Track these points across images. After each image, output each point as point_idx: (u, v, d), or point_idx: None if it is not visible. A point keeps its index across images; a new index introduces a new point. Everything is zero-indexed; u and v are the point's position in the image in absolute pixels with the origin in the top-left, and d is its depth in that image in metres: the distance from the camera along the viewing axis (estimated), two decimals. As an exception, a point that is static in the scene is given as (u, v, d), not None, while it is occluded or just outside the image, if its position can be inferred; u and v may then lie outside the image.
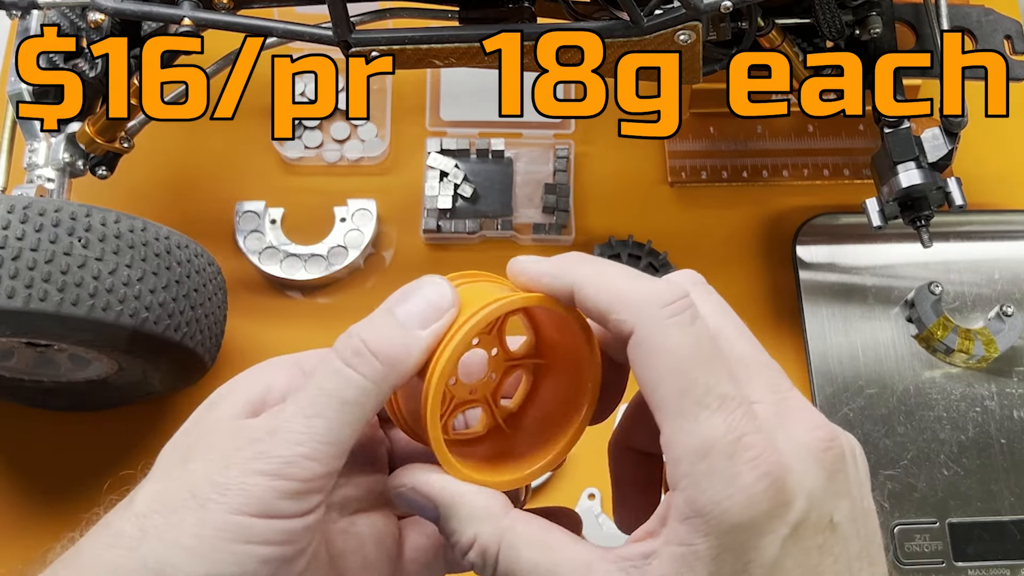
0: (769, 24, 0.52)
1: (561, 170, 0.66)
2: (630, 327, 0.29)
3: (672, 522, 0.29)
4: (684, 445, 0.28)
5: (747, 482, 0.28)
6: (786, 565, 0.28)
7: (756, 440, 0.28)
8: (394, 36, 0.49)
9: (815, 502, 0.29)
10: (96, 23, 0.53)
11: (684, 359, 0.29)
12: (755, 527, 0.28)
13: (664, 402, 0.29)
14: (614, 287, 0.30)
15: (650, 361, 0.29)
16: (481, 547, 0.30)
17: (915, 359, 0.60)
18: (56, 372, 0.55)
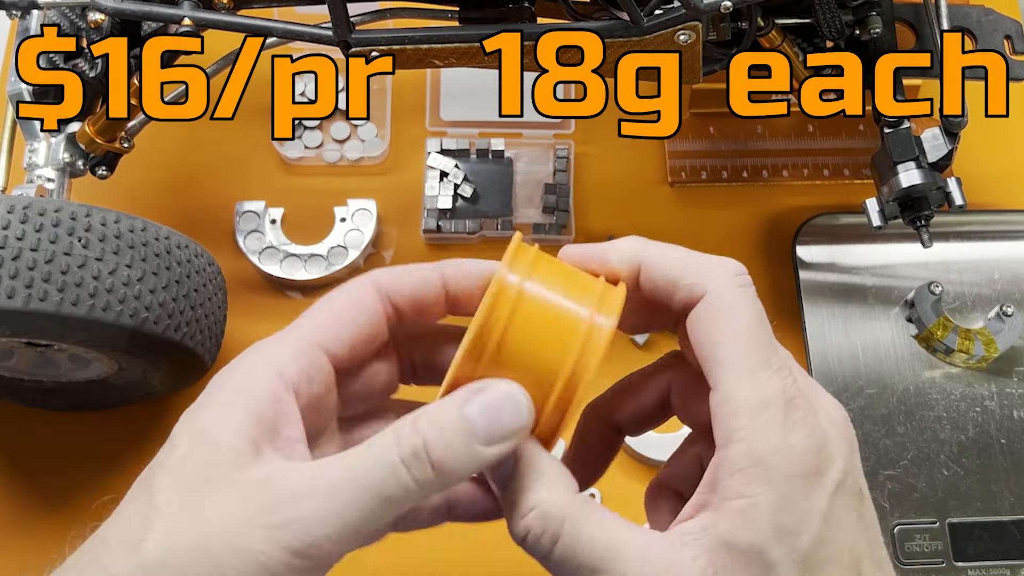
0: (769, 24, 0.53)
1: (561, 170, 0.66)
2: (703, 289, 0.32)
3: (725, 479, 0.30)
4: (744, 398, 0.30)
5: (800, 436, 0.30)
6: (834, 521, 0.30)
7: (804, 403, 0.30)
8: (394, 36, 0.49)
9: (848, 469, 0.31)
10: (96, 23, 0.53)
11: (754, 323, 0.31)
12: (808, 479, 0.29)
13: (729, 359, 0.31)
14: (683, 258, 0.33)
15: (721, 320, 0.31)
16: (543, 512, 0.31)
17: (915, 359, 0.60)
18: (56, 372, 0.55)
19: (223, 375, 0.32)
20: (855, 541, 0.31)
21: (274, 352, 0.32)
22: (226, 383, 0.31)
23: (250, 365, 0.31)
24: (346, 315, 0.32)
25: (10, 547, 0.58)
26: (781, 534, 0.29)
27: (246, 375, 0.31)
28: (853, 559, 0.30)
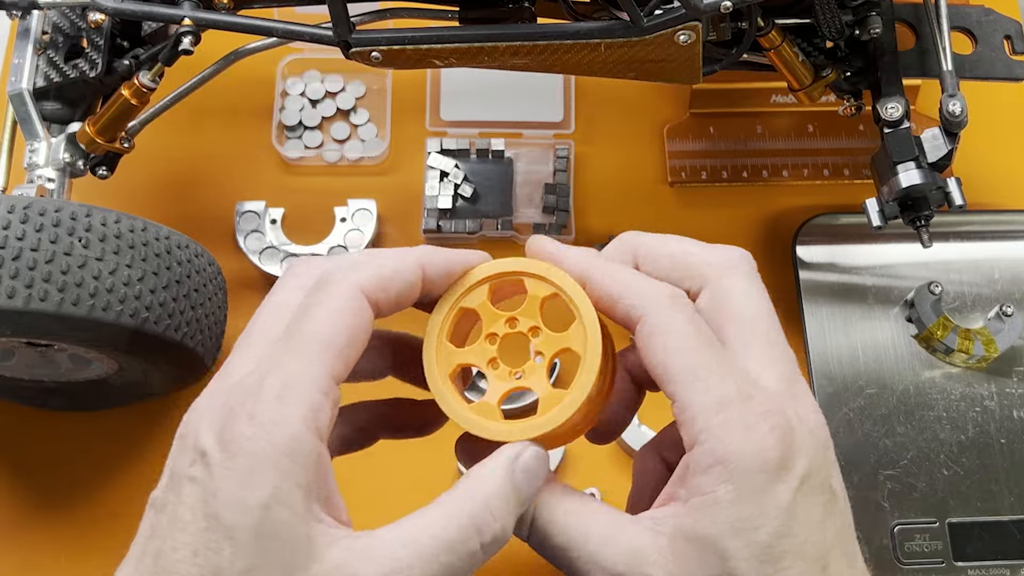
0: (769, 24, 0.52)
1: (561, 170, 0.66)
2: (639, 312, 0.33)
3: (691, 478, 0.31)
4: (700, 403, 0.31)
5: (761, 431, 0.31)
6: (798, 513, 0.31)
7: (764, 399, 0.32)
8: (394, 36, 0.49)
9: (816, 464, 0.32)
10: (96, 23, 0.53)
11: (691, 337, 0.32)
12: (769, 473, 0.30)
13: (678, 373, 0.32)
14: (623, 278, 0.34)
15: (662, 339, 0.32)
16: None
17: (915, 359, 0.60)
18: (56, 372, 0.55)
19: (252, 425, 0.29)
20: (821, 535, 0.31)
21: (306, 405, 0.30)
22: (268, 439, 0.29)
23: (291, 425, 0.29)
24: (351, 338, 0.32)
25: (10, 547, 0.58)
26: (738, 528, 0.30)
27: (292, 442, 0.29)
28: (818, 552, 0.31)
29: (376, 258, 0.33)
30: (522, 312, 0.35)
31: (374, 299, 0.33)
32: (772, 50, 0.54)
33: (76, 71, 0.54)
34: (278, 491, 0.28)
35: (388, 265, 0.33)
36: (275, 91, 0.69)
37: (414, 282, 0.34)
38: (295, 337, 0.31)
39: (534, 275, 0.35)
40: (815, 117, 0.69)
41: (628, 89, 0.69)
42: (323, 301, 0.32)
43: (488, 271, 0.35)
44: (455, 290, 0.35)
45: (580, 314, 0.34)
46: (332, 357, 0.31)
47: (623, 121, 0.70)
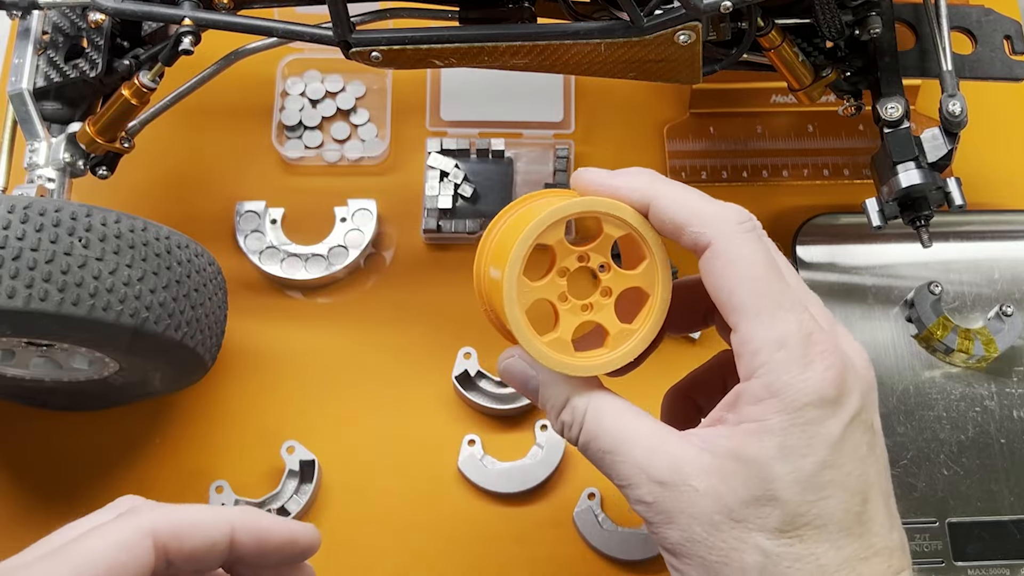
0: (769, 24, 0.53)
1: (561, 170, 0.66)
2: (708, 239, 0.34)
3: (743, 406, 0.32)
4: (763, 338, 0.32)
5: (818, 369, 0.32)
6: (844, 448, 0.32)
7: (823, 338, 0.33)
8: (394, 36, 0.49)
9: (864, 404, 0.33)
10: (96, 23, 0.53)
11: (760, 265, 0.33)
12: (822, 408, 0.32)
13: (743, 303, 0.33)
14: (690, 204, 0.35)
15: (729, 268, 0.33)
16: (572, 407, 0.35)
17: (915, 359, 0.60)
18: (56, 372, 0.55)
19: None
20: (864, 470, 0.33)
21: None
22: None
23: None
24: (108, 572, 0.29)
25: (10, 547, 0.57)
26: (786, 454, 0.31)
27: None
28: (860, 485, 0.32)
29: (185, 508, 0.32)
30: (594, 249, 0.36)
31: (162, 544, 0.30)
32: (772, 50, 0.54)
33: (76, 71, 0.54)
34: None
35: (190, 516, 0.31)
36: (275, 91, 0.69)
37: (217, 540, 0.31)
38: (56, 552, 0.30)
39: (612, 216, 0.36)
40: (815, 117, 0.69)
41: (628, 89, 0.69)
42: (104, 529, 0.30)
43: (567, 211, 0.35)
44: (534, 229, 0.35)
45: (655, 255, 0.35)
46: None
47: (623, 121, 0.70)
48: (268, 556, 0.33)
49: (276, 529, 0.33)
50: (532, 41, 0.48)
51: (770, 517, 0.32)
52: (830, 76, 0.56)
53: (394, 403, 0.61)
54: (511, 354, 0.37)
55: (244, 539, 0.32)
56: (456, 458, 0.59)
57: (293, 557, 0.34)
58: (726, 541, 0.32)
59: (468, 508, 0.58)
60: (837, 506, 0.32)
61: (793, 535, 0.32)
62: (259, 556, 0.33)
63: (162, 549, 0.31)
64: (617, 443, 0.34)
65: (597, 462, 0.35)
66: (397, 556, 0.57)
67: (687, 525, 0.32)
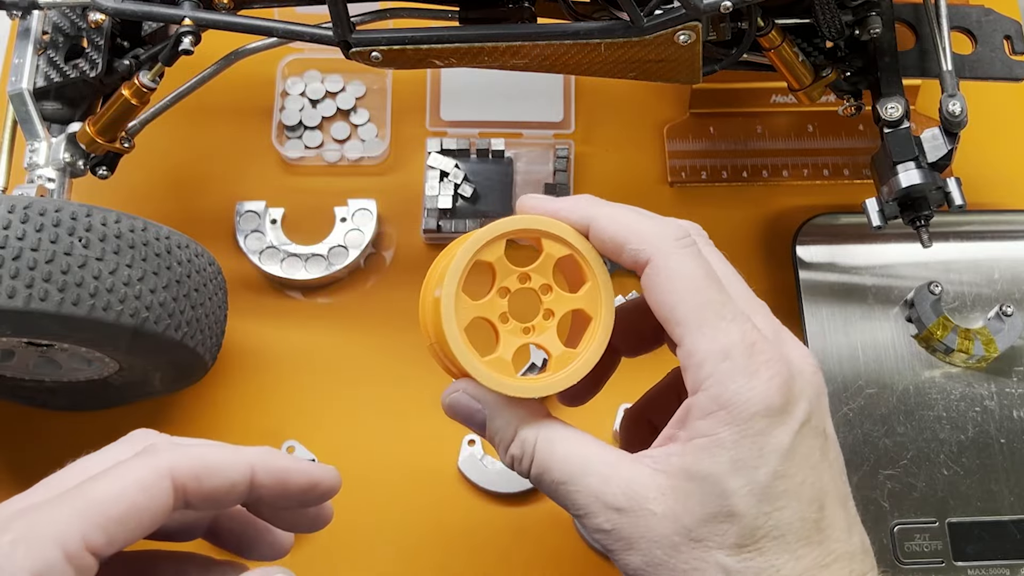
0: (769, 24, 0.53)
1: (561, 170, 0.66)
2: (646, 256, 0.34)
3: (693, 421, 0.32)
4: (707, 350, 0.32)
5: (764, 378, 0.32)
6: (795, 457, 0.32)
7: (767, 347, 0.33)
8: (394, 36, 0.49)
9: (813, 410, 0.33)
10: (96, 23, 0.53)
11: (700, 279, 0.33)
12: (770, 417, 0.32)
13: (685, 317, 0.33)
14: (628, 222, 0.35)
15: (669, 283, 0.33)
16: (521, 439, 0.35)
17: (915, 359, 0.60)
18: (56, 372, 0.55)
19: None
20: (817, 477, 0.33)
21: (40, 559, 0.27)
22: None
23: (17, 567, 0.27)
24: (127, 513, 0.29)
25: (10, 547, 0.58)
26: (739, 467, 0.31)
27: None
28: (814, 493, 0.32)
29: (205, 447, 0.32)
30: (535, 269, 0.36)
31: (181, 485, 0.30)
32: (772, 50, 0.54)
33: (76, 71, 0.54)
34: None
35: (211, 456, 0.31)
36: (275, 91, 0.69)
37: (237, 481, 0.31)
38: (71, 491, 0.29)
39: (551, 234, 0.36)
40: (815, 117, 0.69)
41: (628, 89, 0.69)
42: (122, 468, 0.30)
43: (505, 227, 0.35)
44: (473, 244, 0.35)
45: (596, 276, 0.35)
46: (94, 522, 0.28)
47: (623, 121, 0.70)
48: (288, 498, 0.33)
49: (296, 470, 0.33)
50: (532, 41, 0.48)
51: (728, 533, 0.32)
52: (830, 76, 0.56)
53: (394, 403, 0.61)
54: (456, 388, 0.36)
55: (264, 480, 0.32)
56: (456, 458, 0.59)
57: (313, 499, 0.34)
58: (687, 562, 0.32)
59: (468, 508, 0.58)
60: (793, 515, 0.32)
61: (752, 549, 0.32)
62: (279, 498, 0.33)
63: (181, 490, 0.30)
64: (570, 473, 0.34)
65: (551, 493, 0.35)
66: (397, 556, 0.57)
67: (647, 549, 0.32)
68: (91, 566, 0.28)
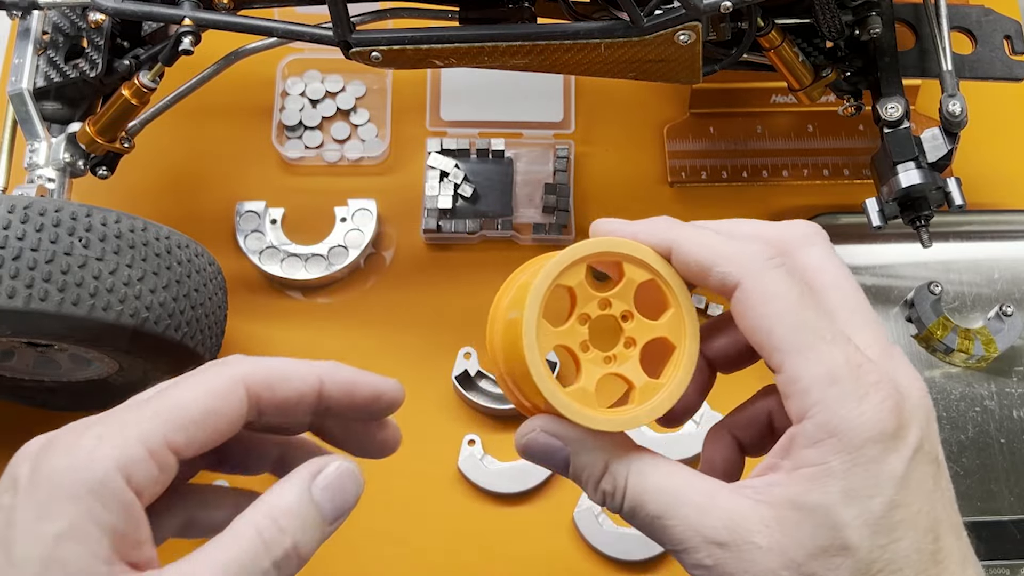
0: (769, 24, 0.53)
1: (561, 170, 0.66)
2: (735, 279, 0.32)
3: (799, 450, 0.30)
4: (812, 375, 0.30)
5: (874, 402, 0.30)
6: (910, 485, 0.30)
7: (874, 368, 0.31)
8: (394, 36, 0.49)
9: (925, 435, 0.31)
10: (96, 23, 0.53)
11: (795, 300, 0.31)
12: (883, 443, 0.30)
13: (783, 340, 0.31)
14: (713, 244, 0.33)
15: (762, 307, 0.31)
16: (612, 474, 0.32)
17: (915, 359, 0.60)
18: (56, 372, 0.55)
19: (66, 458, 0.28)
20: (932, 506, 0.31)
21: (125, 453, 0.29)
22: (75, 475, 0.28)
23: (101, 464, 0.28)
24: (204, 417, 0.30)
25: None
26: (852, 497, 0.29)
27: (98, 481, 0.28)
28: (930, 523, 0.31)
29: (275, 360, 0.32)
30: (616, 295, 0.34)
31: (255, 394, 0.31)
32: (772, 50, 0.54)
33: (76, 71, 0.54)
34: (73, 526, 0.27)
35: (282, 367, 0.32)
36: (275, 91, 0.69)
37: (306, 392, 0.32)
38: (152, 399, 0.30)
39: (634, 258, 0.34)
40: (815, 117, 0.69)
41: (628, 89, 0.69)
42: (196, 376, 0.31)
43: (587, 250, 0.34)
44: (555, 267, 0.33)
45: (680, 303, 0.34)
46: (174, 424, 0.30)
47: (623, 121, 0.70)
48: (355, 409, 0.34)
49: (363, 381, 0.33)
50: (532, 41, 0.48)
51: (841, 568, 0.29)
52: (830, 76, 0.56)
53: (394, 403, 0.61)
54: (532, 428, 0.33)
55: (332, 391, 0.33)
56: (456, 458, 0.59)
57: (379, 411, 0.34)
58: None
59: (468, 508, 0.58)
60: (910, 547, 0.30)
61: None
62: (347, 408, 0.33)
63: (254, 398, 0.31)
64: (666, 506, 0.31)
65: (647, 528, 0.32)
66: (397, 556, 0.57)
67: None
68: (172, 464, 0.30)
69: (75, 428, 0.30)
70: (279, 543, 0.30)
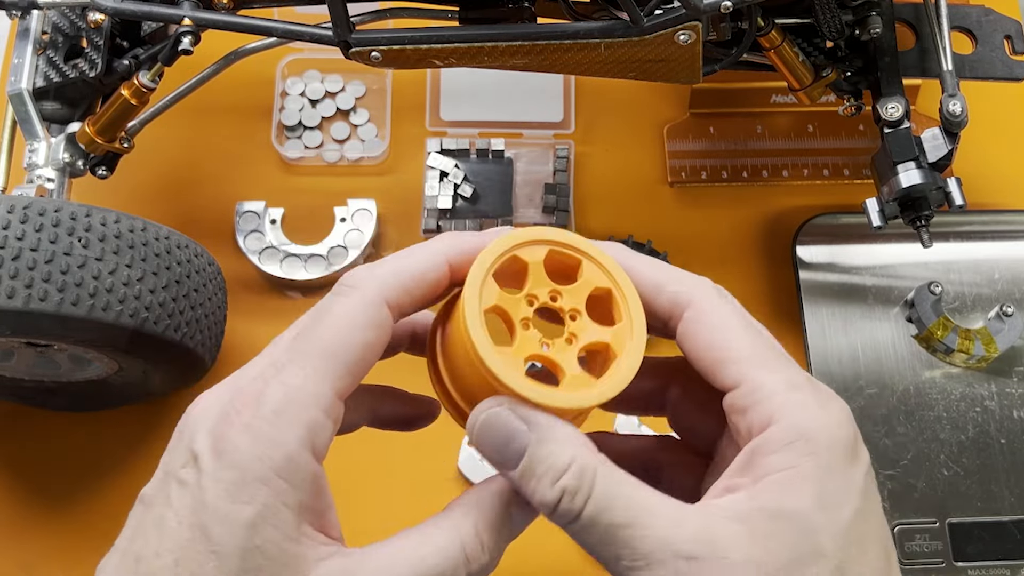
0: (769, 24, 0.53)
1: (561, 170, 0.66)
2: (687, 298, 0.32)
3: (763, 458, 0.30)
4: (775, 381, 0.30)
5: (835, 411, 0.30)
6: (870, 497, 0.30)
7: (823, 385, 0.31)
8: (394, 36, 0.49)
9: (867, 459, 0.31)
10: (96, 23, 0.53)
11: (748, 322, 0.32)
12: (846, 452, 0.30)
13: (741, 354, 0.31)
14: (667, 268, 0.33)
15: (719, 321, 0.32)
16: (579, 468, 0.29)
17: (915, 359, 0.60)
18: (56, 372, 0.55)
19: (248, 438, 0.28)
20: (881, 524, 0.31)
21: (306, 426, 0.29)
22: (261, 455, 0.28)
23: (286, 444, 0.28)
24: (363, 353, 0.30)
25: (10, 547, 0.58)
26: (825, 502, 0.29)
27: (286, 459, 0.28)
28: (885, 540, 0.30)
29: (398, 260, 0.32)
30: (569, 290, 0.33)
31: (396, 303, 0.31)
32: (772, 50, 0.54)
33: (76, 71, 0.54)
34: (267, 509, 0.27)
35: (411, 267, 0.32)
36: (275, 91, 0.69)
37: (439, 280, 0.32)
38: (302, 346, 0.30)
39: (598, 263, 0.33)
40: (815, 117, 0.69)
41: (628, 89, 0.69)
42: (338, 309, 0.30)
43: (554, 235, 0.33)
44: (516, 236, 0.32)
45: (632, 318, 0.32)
46: (339, 373, 0.30)
47: (623, 121, 0.70)
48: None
49: (482, 242, 0.32)
50: (532, 41, 0.48)
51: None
52: (830, 76, 0.56)
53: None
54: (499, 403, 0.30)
55: (462, 264, 0.32)
56: (456, 458, 0.59)
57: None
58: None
59: (468, 508, 0.58)
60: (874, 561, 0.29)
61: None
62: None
63: (397, 310, 0.31)
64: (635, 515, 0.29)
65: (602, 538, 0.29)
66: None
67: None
68: (341, 412, 0.30)
69: (246, 397, 0.29)
70: (478, 559, 0.30)
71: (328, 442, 0.30)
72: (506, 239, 0.32)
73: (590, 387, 0.31)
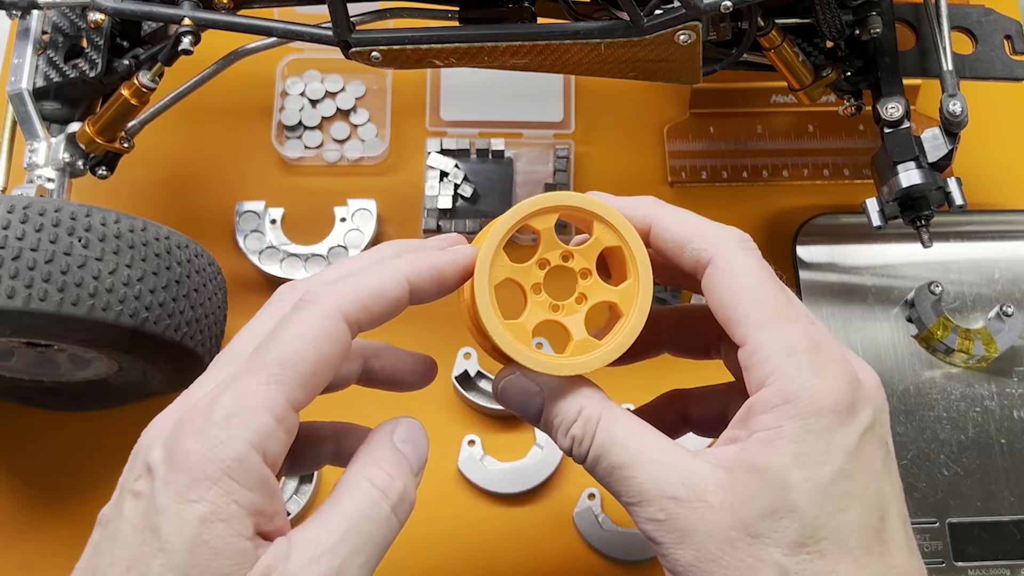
0: (769, 24, 0.52)
1: (561, 170, 0.66)
2: (709, 255, 0.34)
3: (754, 416, 0.32)
4: (772, 345, 0.32)
5: (831, 376, 0.31)
6: (861, 459, 0.31)
7: (833, 348, 0.32)
8: (394, 36, 0.49)
9: (878, 419, 0.32)
10: (96, 23, 0.53)
11: (763, 279, 0.33)
12: (837, 415, 0.31)
13: (748, 314, 0.32)
14: (692, 222, 0.35)
15: (733, 280, 0.33)
16: (584, 419, 0.33)
17: (915, 359, 0.60)
18: (56, 372, 0.55)
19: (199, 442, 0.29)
20: (880, 484, 0.32)
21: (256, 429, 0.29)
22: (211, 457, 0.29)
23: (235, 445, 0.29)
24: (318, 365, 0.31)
25: (11, 547, 0.58)
26: (802, 461, 0.30)
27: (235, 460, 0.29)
28: (877, 500, 0.31)
29: (359, 276, 0.32)
30: (580, 251, 0.35)
31: (354, 319, 0.32)
32: (772, 50, 0.54)
33: (76, 71, 0.54)
34: (216, 507, 0.28)
35: (371, 285, 0.32)
36: (275, 91, 0.69)
37: (399, 298, 0.33)
38: (259, 358, 0.31)
39: (607, 222, 0.35)
40: (815, 117, 0.69)
41: (628, 89, 0.69)
42: (295, 322, 0.31)
43: (564, 200, 0.34)
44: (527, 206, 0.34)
45: (639, 275, 0.34)
46: (293, 383, 0.30)
47: (623, 121, 0.70)
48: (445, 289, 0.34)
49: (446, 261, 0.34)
50: (532, 41, 0.48)
51: (788, 530, 0.30)
52: (830, 76, 0.56)
53: (394, 403, 0.61)
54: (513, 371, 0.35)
55: (422, 283, 0.33)
56: (456, 458, 0.59)
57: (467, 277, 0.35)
58: (742, 560, 0.30)
59: (468, 508, 0.58)
60: (856, 520, 0.31)
61: (812, 550, 0.30)
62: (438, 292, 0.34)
63: (355, 325, 0.32)
64: (629, 457, 0.32)
65: (605, 477, 0.33)
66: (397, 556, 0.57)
67: (701, 543, 0.31)
68: (296, 424, 0.31)
69: (199, 407, 0.30)
70: (392, 487, 0.32)
71: (281, 452, 0.30)
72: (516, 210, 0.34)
73: (594, 350, 0.34)
